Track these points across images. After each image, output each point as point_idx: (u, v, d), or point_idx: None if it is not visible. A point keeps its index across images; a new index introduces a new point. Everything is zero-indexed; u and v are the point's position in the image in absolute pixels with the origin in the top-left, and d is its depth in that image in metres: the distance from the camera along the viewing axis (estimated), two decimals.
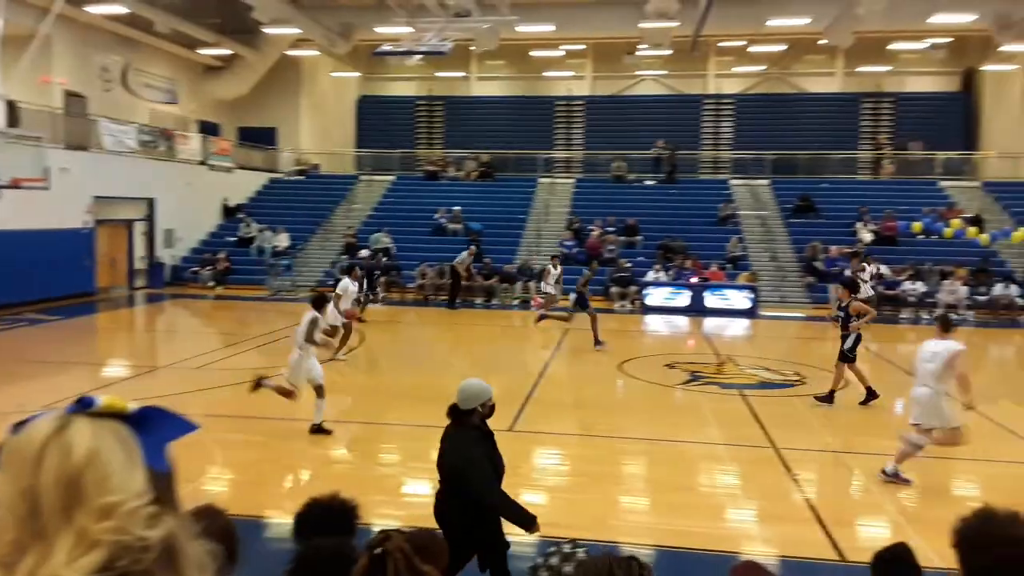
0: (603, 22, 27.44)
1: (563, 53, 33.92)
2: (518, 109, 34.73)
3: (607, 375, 12.22)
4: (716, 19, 24.64)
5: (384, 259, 23.11)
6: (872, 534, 6.13)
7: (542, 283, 18.71)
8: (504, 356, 14.71)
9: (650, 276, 21.80)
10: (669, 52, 29.63)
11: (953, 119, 31.38)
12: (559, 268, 18.18)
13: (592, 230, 24.54)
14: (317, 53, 29.95)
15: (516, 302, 21.49)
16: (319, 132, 32.92)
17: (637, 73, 34.30)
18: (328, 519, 2.63)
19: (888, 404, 10.91)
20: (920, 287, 20.13)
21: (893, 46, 30.37)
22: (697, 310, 20.40)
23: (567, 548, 2.05)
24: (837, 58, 32.42)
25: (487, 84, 36.20)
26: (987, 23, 25.60)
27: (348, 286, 13.06)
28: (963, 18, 25.15)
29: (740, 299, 20.75)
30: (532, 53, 33.71)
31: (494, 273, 22.18)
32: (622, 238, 24.50)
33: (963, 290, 19.78)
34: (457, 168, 30.49)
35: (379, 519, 6.03)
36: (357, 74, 34.70)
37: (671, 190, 28.03)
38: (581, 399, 10.94)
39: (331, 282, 22.79)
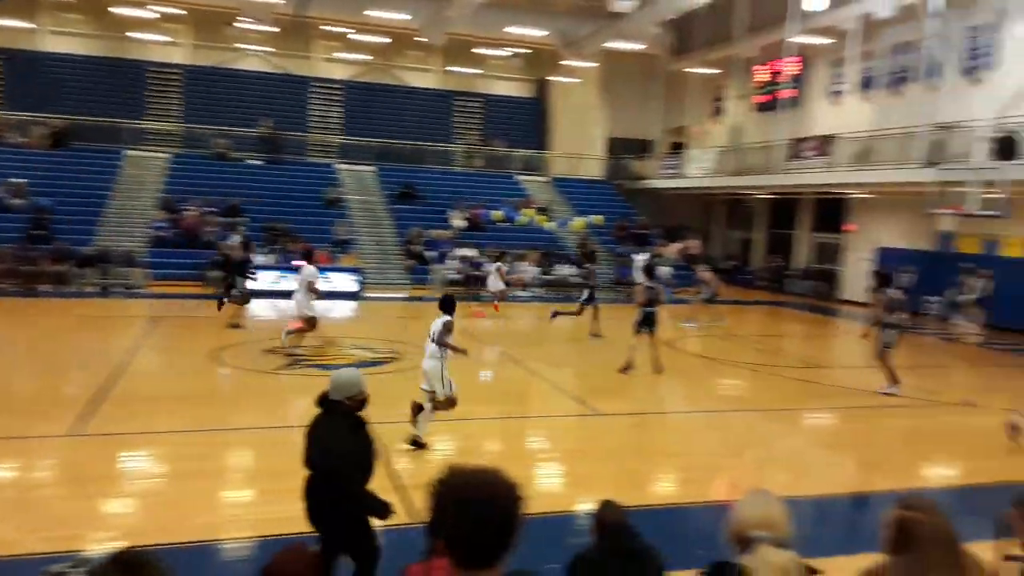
0: None
1: (157, 15, 30.83)
2: (101, 71, 30.68)
3: (200, 365, 11.58)
4: (318, 2, 24.71)
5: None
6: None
7: (489, 281, 17.57)
8: (79, 350, 12.98)
9: (258, 259, 21.08)
10: (274, 29, 28.88)
11: (529, 121, 35.80)
12: (508, 263, 17.42)
13: (188, 210, 22.90)
14: None
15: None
16: None
17: (241, 46, 32.77)
18: None
19: (463, 377, 12.12)
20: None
21: (480, 50, 33.57)
22: None
23: (55, 568, 1.85)
24: (434, 56, 34.75)
25: (62, 39, 31.32)
26: (554, 39, 29.71)
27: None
28: (535, 32, 28.83)
29: (346, 282, 21.21)
30: (115, 10, 30.01)
31: (68, 256, 19.44)
32: (224, 219, 23.31)
33: (534, 270, 22.83)
34: (21, 133, 25.96)
35: None
36: None
37: (277, 171, 27.43)
38: (170, 392, 10.17)
39: None
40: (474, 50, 33.61)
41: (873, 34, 22.65)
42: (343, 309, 19.28)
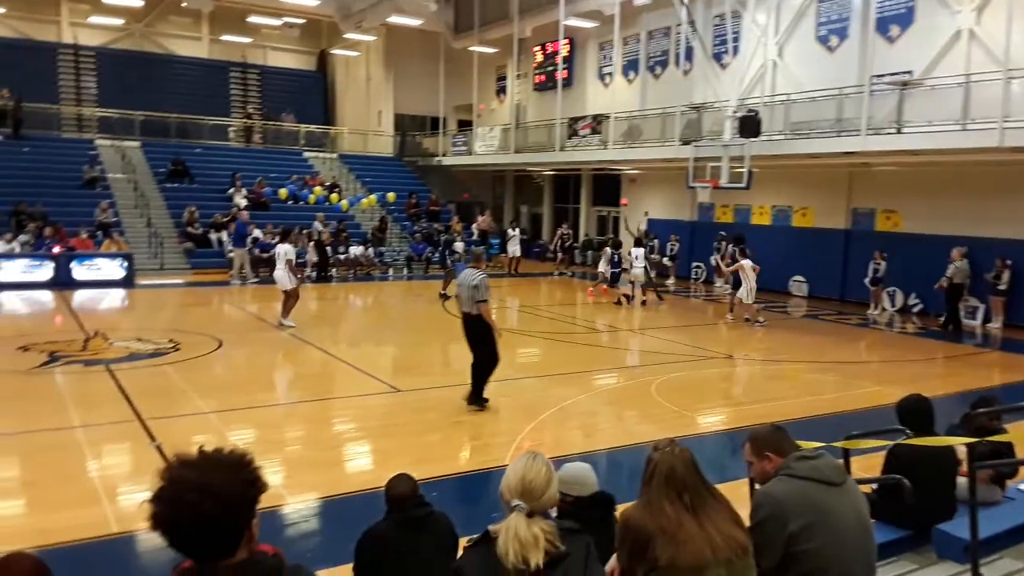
0: None
1: None
2: None
3: None
4: None
5: None
6: None
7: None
8: None
9: (0, 247, 18.68)
10: None
11: (313, 95, 34.57)
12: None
13: None
14: None
15: None
16: None
17: None
18: None
19: (239, 361, 11.66)
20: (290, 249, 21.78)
21: (253, 19, 31.69)
22: (63, 283, 18.33)
23: None
24: (202, 23, 32.36)
25: None
26: (331, 10, 28.77)
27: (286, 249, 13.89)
28: (310, 2, 27.65)
29: (113, 268, 19.37)
30: None
31: None
32: None
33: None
34: None
35: None
36: None
37: (24, 147, 24.27)
38: None
39: None
40: (248, 19, 31.66)
41: (634, 20, 24.33)
42: (112, 298, 17.61)
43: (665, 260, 23.33)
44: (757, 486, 3.34)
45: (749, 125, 16.73)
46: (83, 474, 6.61)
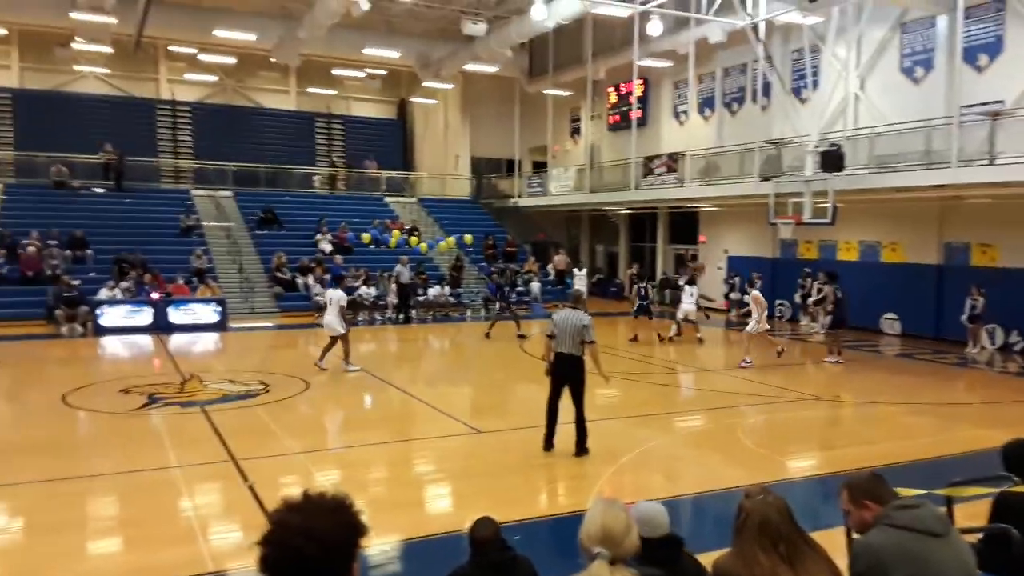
0: (26, 6, 23.90)
1: None
2: None
3: (42, 411, 10.64)
4: (159, 21, 23.74)
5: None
6: None
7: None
8: None
9: (104, 294, 19.81)
10: (110, 50, 27.28)
11: (393, 143, 35.67)
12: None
13: (28, 244, 21.21)
14: None
15: None
16: None
17: (78, 68, 30.62)
18: None
19: (325, 403, 11.90)
20: (373, 291, 22.41)
21: (338, 72, 33.12)
22: (162, 327, 19.28)
23: None
24: (290, 77, 33.97)
25: None
26: (411, 61, 29.80)
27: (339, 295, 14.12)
28: (390, 54, 28.79)
29: (208, 313, 20.26)
30: None
31: None
32: (67, 252, 21.77)
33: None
34: None
35: None
36: None
37: (125, 199, 25.87)
38: (18, 442, 9.32)
39: None
40: (332, 71, 33.11)
41: (709, 57, 24.26)
42: (206, 341, 18.39)
43: (746, 298, 22.79)
44: (855, 536, 3.23)
45: (832, 159, 16.37)
46: (179, 513, 6.88)
